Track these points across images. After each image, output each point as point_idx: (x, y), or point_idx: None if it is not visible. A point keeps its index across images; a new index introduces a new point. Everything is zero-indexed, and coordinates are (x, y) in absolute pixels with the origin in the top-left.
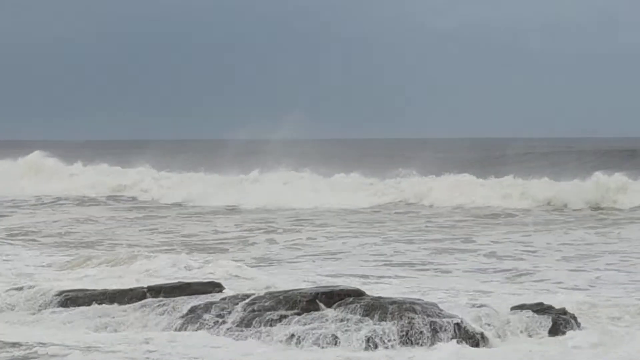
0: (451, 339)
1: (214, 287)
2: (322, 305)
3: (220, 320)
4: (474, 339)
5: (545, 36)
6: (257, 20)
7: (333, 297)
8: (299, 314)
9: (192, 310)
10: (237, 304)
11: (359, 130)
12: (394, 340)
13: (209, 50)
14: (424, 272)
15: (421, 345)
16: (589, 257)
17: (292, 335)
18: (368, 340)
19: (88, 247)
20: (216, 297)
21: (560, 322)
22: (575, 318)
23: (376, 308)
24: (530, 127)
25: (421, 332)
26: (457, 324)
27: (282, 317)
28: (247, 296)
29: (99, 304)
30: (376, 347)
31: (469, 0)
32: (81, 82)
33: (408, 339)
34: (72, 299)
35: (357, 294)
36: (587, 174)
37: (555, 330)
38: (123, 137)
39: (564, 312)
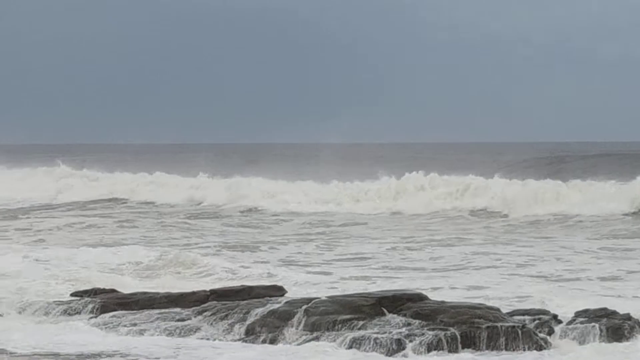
0: (514, 343)
1: (277, 290)
2: (385, 309)
3: (283, 324)
4: (538, 344)
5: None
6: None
7: (396, 301)
8: (362, 319)
9: (255, 314)
10: (300, 307)
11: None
12: (458, 345)
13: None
14: (488, 274)
15: (485, 350)
16: None
17: (356, 340)
18: (432, 345)
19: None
20: (279, 301)
21: (625, 327)
22: None
23: (439, 312)
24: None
25: (485, 337)
26: (520, 328)
27: (345, 322)
28: (309, 300)
29: (162, 307)
30: (440, 351)
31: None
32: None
33: (472, 343)
34: (135, 302)
35: (420, 298)
36: None
37: (619, 336)
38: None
39: (628, 317)
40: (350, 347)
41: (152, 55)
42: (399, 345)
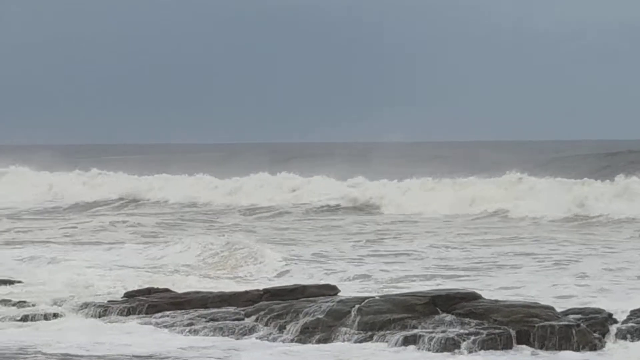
0: (569, 343)
1: (330, 289)
2: (438, 308)
3: (337, 323)
4: (592, 344)
5: None
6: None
7: (449, 300)
8: (415, 318)
9: (308, 314)
10: (353, 306)
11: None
12: (512, 343)
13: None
14: (538, 274)
15: (539, 349)
16: None
17: (409, 339)
18: (486, 344)
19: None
20: (332, 300)
21: None
22: None
23: (493, 311)
24: None
25: (538, 336)
26: (575, 327)
27: (398, 321)
28: (362, 299)
29: (216, 306)
30: (494, 350)
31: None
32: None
33: (526, 342)
34: (188, 302)
35: (474, 297)
36: None
37: None
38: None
39: None
40: (403, 346)
41: (199, 56)
42: (453, 344)
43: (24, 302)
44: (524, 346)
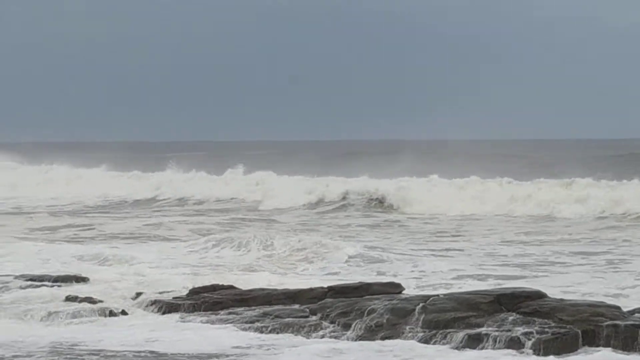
0: (635, 342)
1: (394, 287)
2: (503, 307)
3: (401, 321)
4: None
5: None
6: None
7: (514, 299)
8: (480, 316)
9: (372, 312)
10: (417, 304)
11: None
12: (578, 343)
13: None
14: (596, 273)
15: (606, 348)
16: None
17: (474, 338)
18: (551, 343)
19: None
20: (396, 298)
21: None
22: None
23: (558, 310)
24: None
25: (605, 336)
26: None
27: (463, 319)
28: (426, 298)
29: (280, 303)
30: (560, 349)
31: None
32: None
33: (592, 342)
34: (252, 299)
35: (539, 296)
36: None
37: None
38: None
39: None
40: (468, 345)
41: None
42: (518, 343)
43: (91, 298)
44: (589, 346)
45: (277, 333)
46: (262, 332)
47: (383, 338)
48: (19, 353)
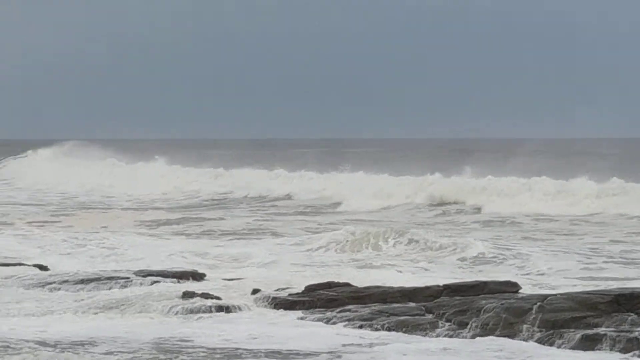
0: None
1: (511, 286)
2: (621, 307)
3: (518, 320)
4: None
5: None
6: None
7: (634, 299)
8: (598, 317)
9: (489, 310)
10: (534, 304)
11: None
12: None
13: None
14: None
15: None
16: None
17: (591, 338)
18: None
19: None
20: (513, 297)
21: None
22: None
23: None
24: None
25: None
26: None
27: (580, 319)
28: (544, 297)
29: (396, 301)
30: None
31: None
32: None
33: None
34: (368, 296)
35: None
36: None
37: None
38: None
39: None
40: (585, 345)
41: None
42: (638, 344)
43: (208, 294)
44: None
45: (392, 331)
46: (376, 329)
47: (500, 337)
48: (138, 347)
